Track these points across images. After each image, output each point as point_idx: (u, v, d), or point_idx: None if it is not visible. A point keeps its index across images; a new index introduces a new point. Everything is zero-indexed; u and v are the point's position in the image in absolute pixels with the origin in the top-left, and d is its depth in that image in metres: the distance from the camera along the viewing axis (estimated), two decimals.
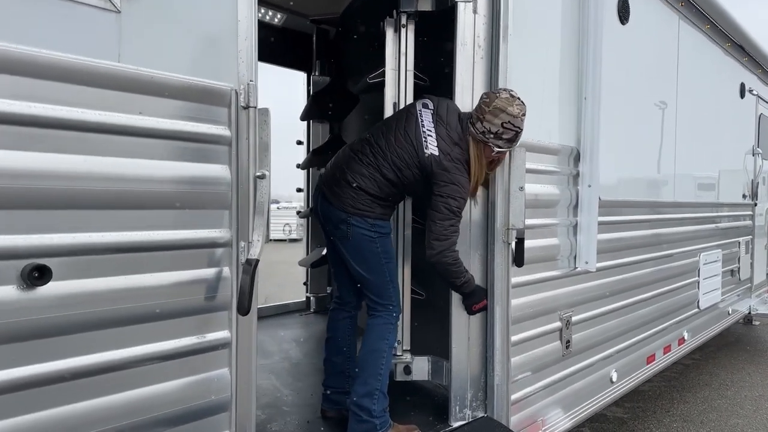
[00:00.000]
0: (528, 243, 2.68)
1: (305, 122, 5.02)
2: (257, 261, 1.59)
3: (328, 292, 5.03)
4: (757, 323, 7.28)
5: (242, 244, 1.65)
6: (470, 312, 2.52)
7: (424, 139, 2.36)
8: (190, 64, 1.57)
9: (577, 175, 3.09)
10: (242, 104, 1.65)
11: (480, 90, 2.61)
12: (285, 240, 18.89)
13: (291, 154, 5.10)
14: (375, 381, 2.43)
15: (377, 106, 2.93)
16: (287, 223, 18.78)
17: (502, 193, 2.58)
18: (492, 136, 2.32)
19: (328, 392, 2.75)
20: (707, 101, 4.90)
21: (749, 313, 6.29)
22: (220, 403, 1.65)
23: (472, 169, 2.38)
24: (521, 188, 2.54)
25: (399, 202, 2.66)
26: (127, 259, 1.47)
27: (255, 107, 1.65)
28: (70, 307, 1.40)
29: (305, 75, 5.22)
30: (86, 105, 1.39)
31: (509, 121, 2.30)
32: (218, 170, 1.62)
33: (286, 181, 5.51)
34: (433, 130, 2.37)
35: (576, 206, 3.09)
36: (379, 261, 2.48)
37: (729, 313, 5.62)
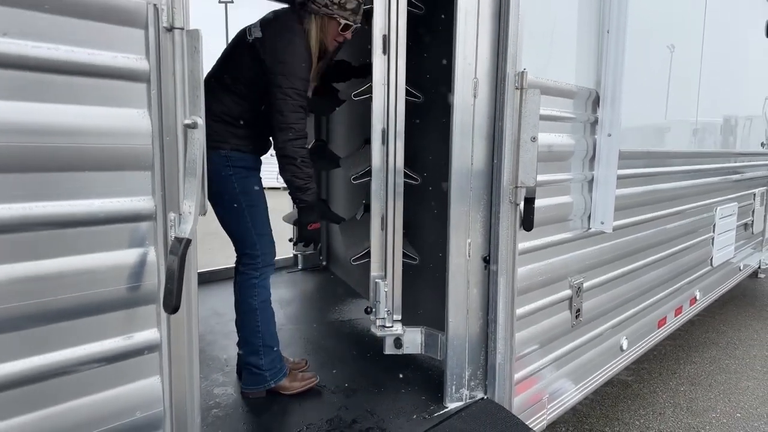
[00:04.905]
0: (538, 202, 2.31)
1: None
2: (188, 240, 1.20)
3: (316, 249, 4.70)
4: (763, 276, 7.03)
5: (172, 216, 1.25)
6: (305, 233, 2.48)
7: (248, 31, 2.25)
8: None
9: (596, 122, 2.67)
10: (165, 25, 1.20)
11: (486, 14, 2.18)
12: (279, 188, 18.56)
13: None
14: (255, 338, 2.37)
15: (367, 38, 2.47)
16: None
17: (509, 145, 2.18)
18: (336, 7, 2.21)
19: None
20: (731, 39, 4.40)
21: (758, 267, 6.02)
22: (150, 421, 1.31)
23: (313, 49, 2.26)
24: (533, 139, 2.13)
25: (260, 129, 2.35)
26: (6, 242, 1.08)
27: (183, 29, 1.22)
28: None
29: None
30: None
31: None
32: (133, 117, 1.19)
33: None
34: (258, 22, 2.26)
35: (593, 159, 2.69)
36: (236, 201, 2.26)
37: (740, 269, 5.34)
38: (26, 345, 1.15)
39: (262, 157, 2.50)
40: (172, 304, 1.20)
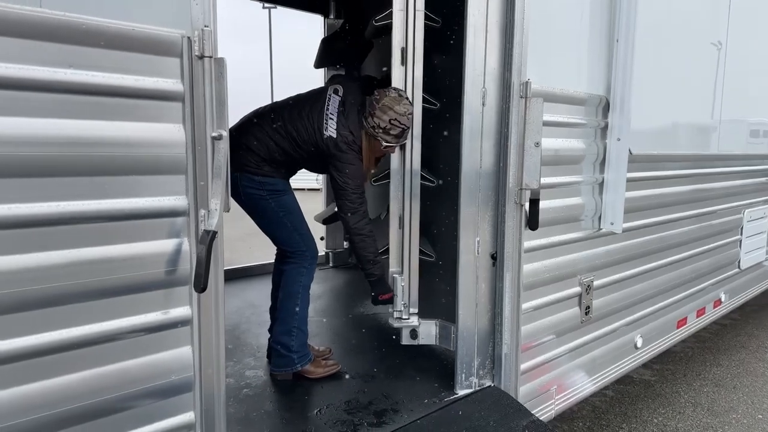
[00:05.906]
0: (546, 203, 2.46)
1: (321, 70, 4.76)
2: (215, 233, 1.44)
3: (346, 247, 4.93)
4: None
5: (202, 212, 1.49)
6: (376, 301, 2.63)
7: (325, 122, 2.50)
8: (130, 8, 1.37)
9: (606, 127, 2.79)
10: (196, 53, 1.44)
11: (494, 32, 2.35)
12: (319, 189, 18.94)
13: None
14: (291, 319, 2.63)
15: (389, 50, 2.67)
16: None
17: (515, 149, 2.34)
18: (381, 131, 2.45)
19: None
20: (762, 35, 4.35)
21: None
22: (183, 383, 1.56)
23: (364, 158, 2.55)
24: (537, 144, 2.28)
25: (292, 169, 2.71)
26: (71, 232, 1.35)
27: (211, 57, 1.45)
28: (15, 284, 1.30)
29: (322, 18, 4.93)
30: (4, 58, 1.22)
31: (396, 119, 2.41)
32: (171, 130, 1.44)
33: None
34: (335, 115, 2.51)
35: (603, 162, 2.81)
36: (275, 215, 2.60)
37: None
38: (86, 314, 1.42)
39: None
40: (200, 285, 1.46)
